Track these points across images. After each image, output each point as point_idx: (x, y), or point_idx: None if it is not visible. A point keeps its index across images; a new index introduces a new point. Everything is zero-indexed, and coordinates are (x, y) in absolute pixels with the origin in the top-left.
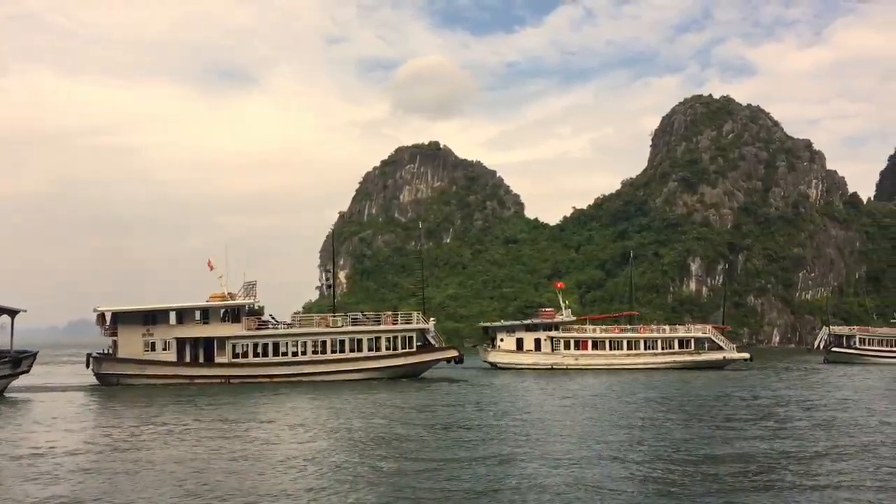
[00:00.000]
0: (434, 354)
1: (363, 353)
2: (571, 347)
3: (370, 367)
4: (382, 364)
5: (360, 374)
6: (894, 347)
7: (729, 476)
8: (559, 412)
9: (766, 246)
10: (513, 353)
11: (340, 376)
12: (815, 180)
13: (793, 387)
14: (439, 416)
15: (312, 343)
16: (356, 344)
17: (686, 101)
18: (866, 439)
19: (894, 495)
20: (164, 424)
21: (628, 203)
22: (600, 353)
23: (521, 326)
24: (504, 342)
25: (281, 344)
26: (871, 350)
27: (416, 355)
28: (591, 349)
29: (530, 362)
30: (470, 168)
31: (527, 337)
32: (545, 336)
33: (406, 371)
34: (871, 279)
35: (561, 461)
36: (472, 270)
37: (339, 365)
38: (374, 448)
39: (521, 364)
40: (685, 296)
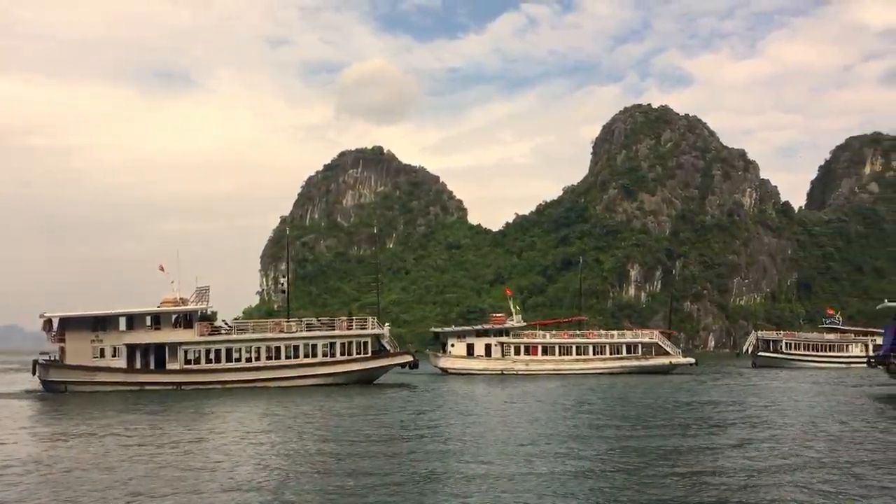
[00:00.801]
0: (389, 360)
1: (318, 359)
2: (522, 353)
3: (325, 373)
4: (337, 370)
5: (315, 379)
6: (819, 352)
7: (660, 478)
8: (503, 418)
9: (702, 253)
10: (463, 358)
11: (295, 382)
12: (749, 189)
13: (721, 390)
14: (385, 423)
15: (266, 349)
16: (311, 349)
17: (626, 110)
18: (790, 441)
19: (823, 493)
20: (105, 432)
21: (570, 210)
22: (550, 359)
23: (471, 332)
24: (455, 347)
25: (234, 350)
26: (796, 354)
27: (370, 361)
28: (541, 354)
29: (481, 367)
30: (413, 173)
31: (477, 342)
32: (495, 341)
33: (361, 377)
34: (802, 285)
35: (496, 470)
36: (415, 276)
37: (293, 371)
38: (312, 456)
39: (471, 369)
40: (624, 301)
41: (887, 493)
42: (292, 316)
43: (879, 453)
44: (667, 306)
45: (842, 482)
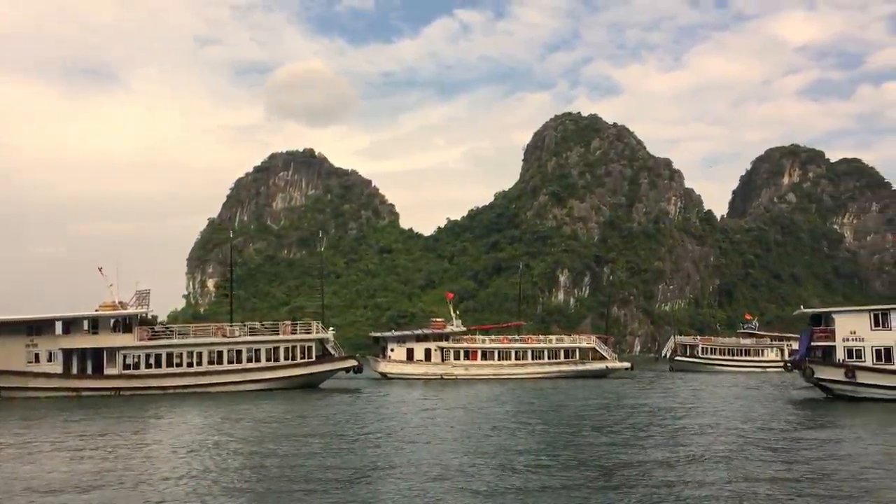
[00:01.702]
0: (333, 364)
1: (261, 364)
2: (461, 357)
3: (268, 378)
4: (281, 374)
5: (258, 384)
6: (735, 356)
7: (585, 479)
8: (436, 423)
9: (629, 259)
10: (403, 363)
11: (237, 387)
12: (674, 197)
13: (646, 394)
14: (317, 428)
15: (208, 353)
16: (254, 354)
17: (557, 118)
18: (705, 443)
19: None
20: (38, 440)
21: (501, 215)
22: (489, 363)
23: (411, 336)
24: (394, 352)
25: (175, 354)
26: (712, 359)
27: (315, 365)
28: (481, 359)
29: (420, 372)
30: (345, 177)
31: (417, 347)
32: (435, 346)
33: (305, 381)
34: (724, 292)
35: (423, 475)
36: (346, 280)
37: (235, 375)
38: (241, 461)
39: (411, 374)
40: (553, 306)
41: (800, 492)
42: (219, 320)
43: (793, 453)
44: (594, 311)
45: (759, 481)
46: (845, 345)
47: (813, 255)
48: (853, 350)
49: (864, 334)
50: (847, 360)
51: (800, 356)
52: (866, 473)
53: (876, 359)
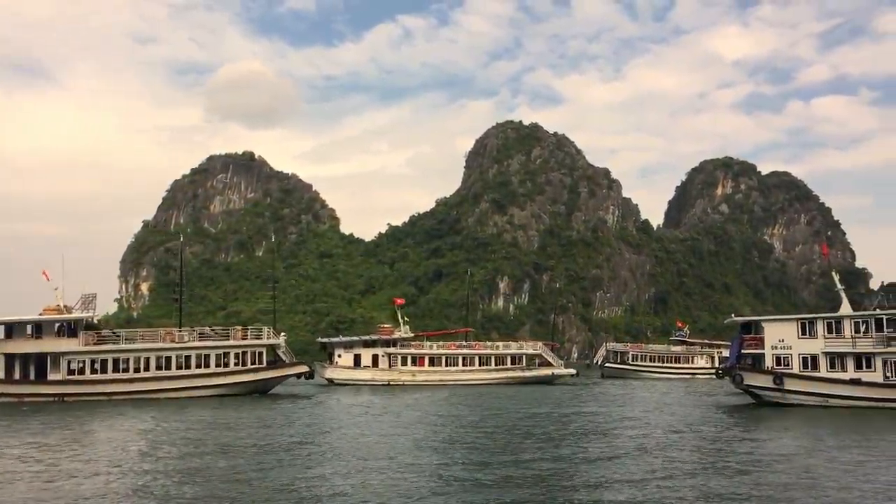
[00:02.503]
0: (284, 370)
1: (210, 369)
2: (409, 363)
3: (218, 384)
4: (231, 380)
5: (208, 390)
6: (665, 363)
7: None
8: (378, 430)
9: (567, 267)
10: (350, 369)
11: (186, 393)
12: (612, 207)
13: (575, 399)
14: (252, 435)
15: (156, 358)
16: (203, 359)
17: (498, 126)
18: (648, 449)
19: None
20: None
21: (442, 221)
22: (437, 369)
23: (358, 342)
24: (342, 358)
25: (121, 360)
26: (642, 366)
27: (265, 371)
28: (428, 365)
29: (368, 378)
30: (286, 180)
31: (364, 353)
32: (383, 352)
33: (256, 387)
34: (659, 300)
35: (350, 484)
36: (285, 284)
37: (184, 381)
38: (168, 470)
39: (358, 380)
40: (493, 313)
41: (725, 494)
42: (152, 325)
43: (720, 457)
44: (533, 318)
45: (685, 486)
46: (774, 352)
47: (744, 265)
48: (781, 357)
49: (791, 342)
50: (775, 368)
51: (730, 363)
52: (788, 477)
53: (802, 366)
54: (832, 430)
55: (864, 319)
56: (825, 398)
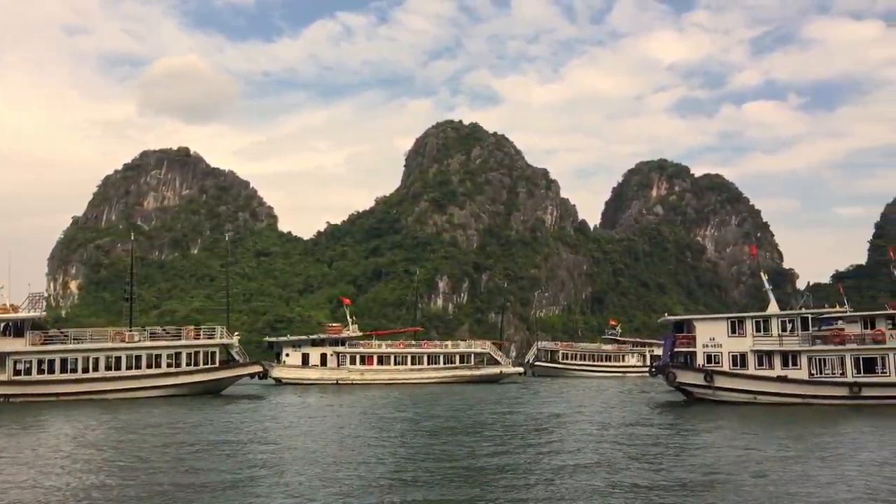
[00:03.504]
0: (238, 370)
1: (161, 370)
2: (357, 362)
3: (169, 384)
4: (182, 380)
5: (159, 390)
6: (596, 362)
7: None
8: (319, 430)
9: (506, 266)
10: (298, 368)
11: (137, 393)
12: (550, 207)
13: (511, 397)
14: (195, 436)
15: (106, 359)
16: (154, 360)
17: (438, 125)
18: (584, 446)
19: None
20: None
21: (381, 220)
22: (385, 368)
23: (307, 342)
24: (289, 357)
25: (70, 360)
26: (573, 364)
27: (218, 371)
28: (377, 364)
29: (316, 377)
30: (222, 177)
31: (312, 352)
32: (331, 351)
33: (208, 387)
34: (596, 299)
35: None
36: (221, 283)
37: (134, 382)
38: (108, 471)
39: (306, 379)
40: (433, 312)
41: (656, 486)
42: (82, 324)
43: (652, 453)
44: (472, 317)
45: (617, 482)
46: (705, 350)
47: (678, 265)
48: (712, 355)
49: (721, 341)
50: (706, 366)
51: (663, 361)
52: (717, 470)
53: (732, 364)
54: (758, 426)
55: (791, 318)
56: (754, 395)
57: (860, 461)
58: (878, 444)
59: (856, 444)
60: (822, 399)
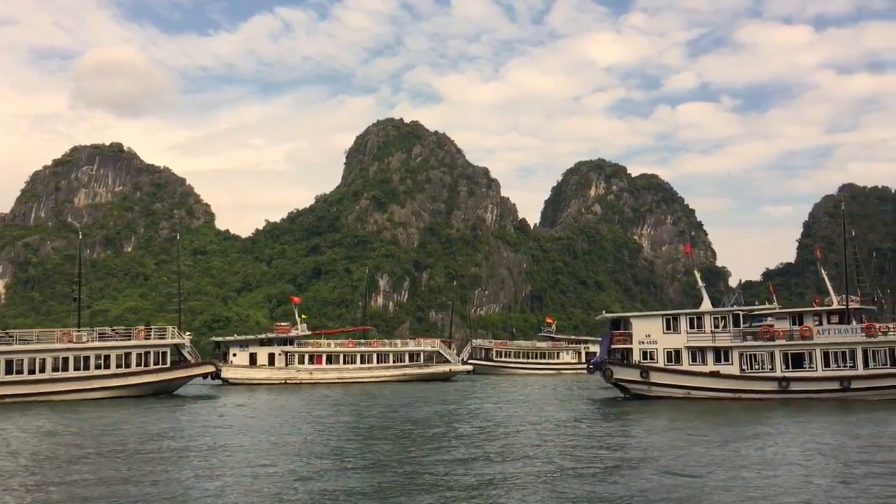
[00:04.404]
0: (190, 370)
1: (111, 370)
2: (306, 362)
3: (119, 385)
4: (132, 381)
5: (108, 392)
6: (530, 359)
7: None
8: (261, 431)
9: (447, 265)
10: (245, 368)
11: (85, 395)
12: (491, 206)
13: (451, 395)
14: (126, 439)
15: (52, 360)
16: (103, 360)
17: (379, 123)
18: (525, 443)
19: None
20: None
21: (322, 218)
22: (334, 367)
23: (254, 341)
24: (237, 357)
25: (15, 361)
26: (507, 361)
27: (169, 371)
28: (326, 363)
29: (264, 377)
30: (157, 174)
31: (260, 352)
32: (279, 351)
33: (159, 388)
34: (535, 297)
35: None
36: (156, 282)
37: (82, 383)
38: (37, 476)
39: (253, 379)
40: (373, 311)
41: (591, 478)
42: (9, 325)
43: (588, 448)
44: (413, 315)
45: (553, 477)
46: (641, 347)
47: (615, 264)
48: (648, 352)
49: (657, 337)
50: (642, 362)
51: (601, 358)
52: (651, 463)
53: (667, 360)
54: (691, 420)
55: (723, 315)
56: (687, 390)
57: (785, 453)
58: (803, 436)
59: (782, 437)
60: (752, 393)
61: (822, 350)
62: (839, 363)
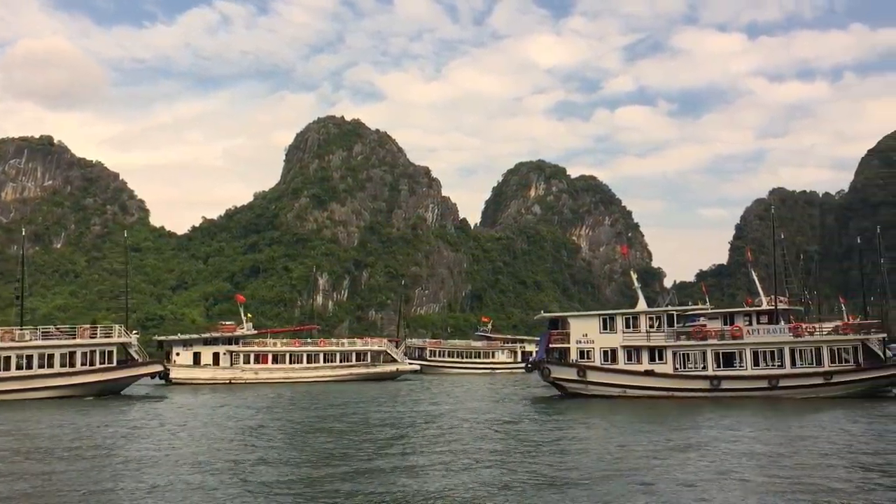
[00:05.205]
0: (136, 370)
1: (55, 370)
2: (251, 361)
3: (63, 385)
4: (77, 381)
5: (52, 391)
6: (465, 358)
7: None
8: (197, 433)
9: (387, 264)
10: (189, 367)
11: (27, 395)
12: (432, 205)
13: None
14: (61, 442)
15: None
16: (46, 360)
17: (320, 120)
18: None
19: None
20: None
21: (260, 216)
22: (280, 367)
23: (198, 340)
24: (180, 356)
25: None
26: (441, 361)
27: (116, 371)
28: (272, 363)
29: (208, 377)
30: (89, 168)
31: (204, 351)
32: (224, 350)
33: (105, 387)
34: (475, 297)
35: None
36: (87, 279)
37: (24, 383)
38: None
39: (197, 379)
40: (312, 309)
41: (529, 477)
42: None
43: (528, 444)
44: (352, 315)
45: (489, 478)
46: (578, 346)
47: (554, 264)
48: (585, 351)
49: (594, 337)
50: (579, 361)
51: (539, 357)
52: (586, 460)
53: (603, 359)
54: (624, 419)
55: (658, 315)
56: (623, 389)
57: (715, 449)
58: (733, 433)
59: (710, 435)
60: (685, 392)
61: (752, 349)
62: (768, 362)
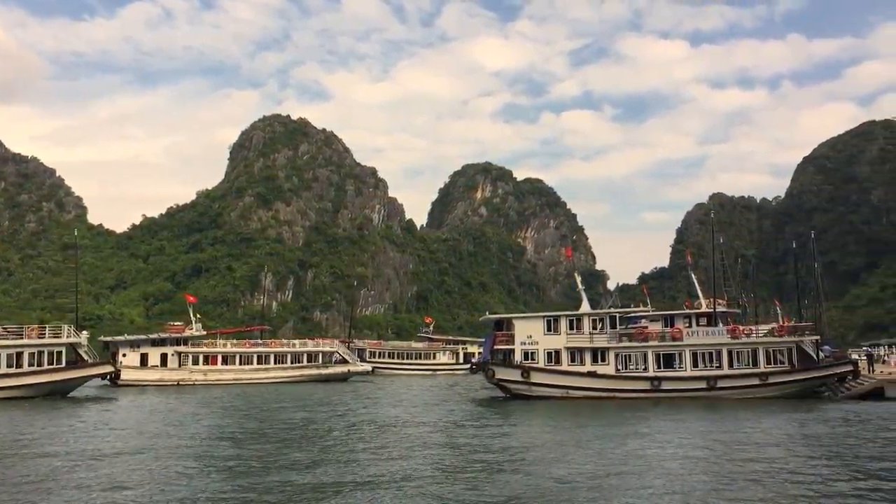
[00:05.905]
0: (86, 370)
1: (1, 371)
2: (200, 362)
3: (9, 386)
4: (23, 382)
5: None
6: (406, 359)
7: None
8: (139, 436)
9: (333, 264)
10: (136, 369)
11: None
12: (378, 205)
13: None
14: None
15: None
16: None
17: (265, 119)
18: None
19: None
20: None
21: (203, 215)
22: (230, 368)
23: (146, 341)
24: (127, 357)
25: None
26: (381, 362)
27: (64, 371)
28: (221, 364)
29: (155, 378)
30: (24, 164)
31: (152, 352)
32: (172, 351)
33: (53, 389)
34: (421, 298)
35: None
36: (21, 277)
37: None
38: None
39: (144, 381)
40: (256, 310)
41: (472, 476)
42: None
43: (468, 447)
44: (297, 315)
45: (427, 477)
46: (523, 348)
47: (500, 265)
48: (529, 353)
49: (538, 338)
50: (524, 362)
51: (484, 358)
52: (527, 460)
53: (547, 360)
54: (566, 419)
55: (601, 317)
56: (566, 390)
57: (653, 451)
58: (671, 434)
59: (651, 435)
60: (627, 392)
61: (691, 351)
62: (706, 363)
